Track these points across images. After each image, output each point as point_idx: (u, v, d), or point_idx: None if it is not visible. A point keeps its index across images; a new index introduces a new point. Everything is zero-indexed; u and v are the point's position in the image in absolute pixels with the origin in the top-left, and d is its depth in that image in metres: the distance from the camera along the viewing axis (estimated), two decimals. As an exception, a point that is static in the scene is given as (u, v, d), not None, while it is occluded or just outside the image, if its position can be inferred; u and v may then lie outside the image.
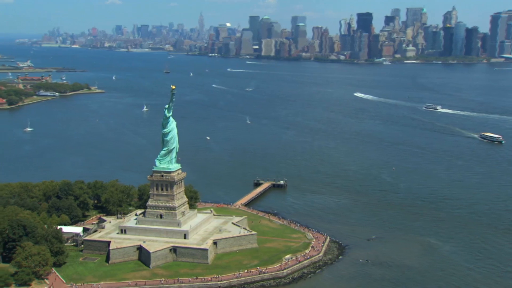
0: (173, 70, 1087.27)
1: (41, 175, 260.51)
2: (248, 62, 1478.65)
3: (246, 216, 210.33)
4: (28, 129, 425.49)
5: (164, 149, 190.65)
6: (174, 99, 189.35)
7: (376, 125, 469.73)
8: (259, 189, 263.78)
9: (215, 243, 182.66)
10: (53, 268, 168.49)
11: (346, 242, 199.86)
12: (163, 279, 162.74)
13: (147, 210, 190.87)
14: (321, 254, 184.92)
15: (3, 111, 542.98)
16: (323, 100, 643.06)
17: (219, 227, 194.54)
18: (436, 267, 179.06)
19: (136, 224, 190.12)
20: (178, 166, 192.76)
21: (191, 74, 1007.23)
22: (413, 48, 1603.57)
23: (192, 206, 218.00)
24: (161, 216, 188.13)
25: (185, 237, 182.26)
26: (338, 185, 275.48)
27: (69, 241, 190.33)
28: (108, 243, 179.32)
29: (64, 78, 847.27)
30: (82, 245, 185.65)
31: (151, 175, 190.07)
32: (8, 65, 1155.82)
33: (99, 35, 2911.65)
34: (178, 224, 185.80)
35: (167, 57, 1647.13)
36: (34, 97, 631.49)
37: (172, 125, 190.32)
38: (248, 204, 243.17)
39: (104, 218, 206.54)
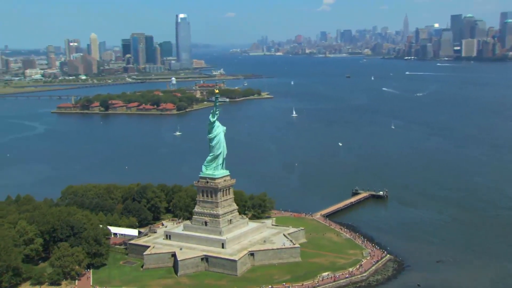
0: (356, 74, 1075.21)
1: (146, 177, 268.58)
2: (438, 64, 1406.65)
3: (303, 228, 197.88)
4: (178, 133, 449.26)
5: (210, 154, 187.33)
6: (217, 104, 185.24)
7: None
8: (353, 199, 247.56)
9: (252, 254, 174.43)
10: (90, 270, 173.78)
11: (410, 263, 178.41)
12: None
13: (193, 216, 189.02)
14: (365, 274, 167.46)
15: (171, 116, 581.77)
16: (501, 104, 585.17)
17: (266, 238, 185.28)
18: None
19: (182, 230, 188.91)
20: (225, 172, 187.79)
21: (372, 78, 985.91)
22: None
23: (257, 215, 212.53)
24: (205, 224, 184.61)
25: (222, 246, 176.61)
26: (448, 199, 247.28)
27: (122, 244, 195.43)
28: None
29: (246, 84, 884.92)
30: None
31: (198, 181, 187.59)
32: (203, 73, 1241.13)
33: (303, 42, 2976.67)
34: (220, 233, 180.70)
35: (359, 61, 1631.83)
36: (205, 103, 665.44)
37: (218, 130, 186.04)
38: (332, 215, 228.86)
39: (166, 223, 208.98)
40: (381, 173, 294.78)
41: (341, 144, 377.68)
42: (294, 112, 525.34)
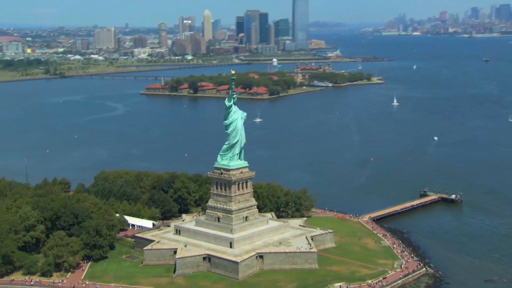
0: (499, 58, 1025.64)
1: (193, 166, 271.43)
2: None
3: (332, 231, 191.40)
4: (258, 120, 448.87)
5: (226, 143, 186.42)
6: (233, 86, 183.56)
7: None
8: (417, 202, 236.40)
9: (260, 256, 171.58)
10: (89, 262, 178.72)
11: (450, 279, 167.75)
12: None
13: (206, 211, 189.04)
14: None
15: (261, 101, 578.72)
16: None
17: (283, 239, 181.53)
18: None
19: (194, 225, 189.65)
20: (241, 163, 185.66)
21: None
22: None
23: (291, 214, 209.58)
24: (218, 219, 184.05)
25: (230, 245, 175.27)
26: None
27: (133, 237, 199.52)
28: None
29: (360, 67, 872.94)
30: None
31: (212, 172, 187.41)
32: (318, 55, 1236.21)
33: (448, 20, 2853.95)
34: (231, 230, 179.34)
35: (509, 42, 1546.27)
36: (304, 87, 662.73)
37: (234, 116, 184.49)
38: (384, 218, 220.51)
39: (185, 216, 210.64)
40: (465, 174, 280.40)
41: (436, 139, 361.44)
42: (395, 101, 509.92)
